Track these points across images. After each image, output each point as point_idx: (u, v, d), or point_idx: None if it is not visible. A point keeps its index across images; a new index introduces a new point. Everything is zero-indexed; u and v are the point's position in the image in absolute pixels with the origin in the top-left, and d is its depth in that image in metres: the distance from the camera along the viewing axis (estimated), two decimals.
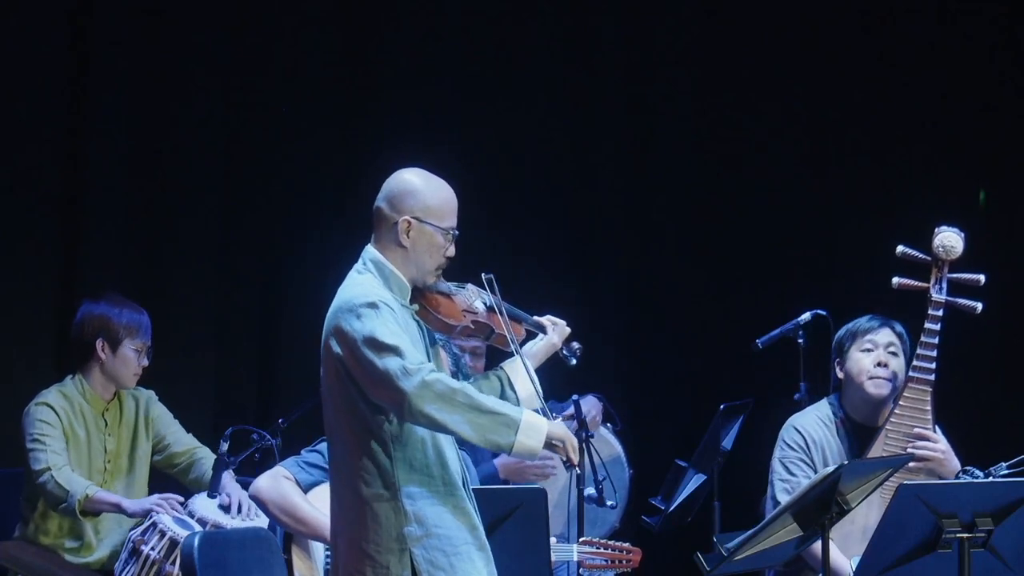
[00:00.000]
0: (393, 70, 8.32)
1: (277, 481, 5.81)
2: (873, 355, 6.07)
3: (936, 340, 5.87)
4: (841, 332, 6.17)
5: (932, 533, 5.28)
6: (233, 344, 8.15)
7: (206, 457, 6.86)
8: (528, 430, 4.70)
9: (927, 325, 5.88)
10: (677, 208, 8.56)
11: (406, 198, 4.88)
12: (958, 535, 5.27)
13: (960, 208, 8.23)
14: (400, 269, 4.89)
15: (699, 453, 6.68)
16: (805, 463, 6.04)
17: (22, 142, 7.79)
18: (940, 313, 5.89)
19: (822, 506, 5.18)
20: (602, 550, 6.37)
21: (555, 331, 5.09)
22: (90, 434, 6.77)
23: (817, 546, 5.55)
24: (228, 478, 6.65)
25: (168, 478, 6.97)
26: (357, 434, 4.79)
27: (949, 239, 5.95)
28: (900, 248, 5.96)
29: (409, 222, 4.86)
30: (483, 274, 4.97)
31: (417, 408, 4.66)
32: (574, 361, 5.12)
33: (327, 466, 5.85)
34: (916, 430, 5.91)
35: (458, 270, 5.01)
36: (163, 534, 6.44)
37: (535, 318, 5.10)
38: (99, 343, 6.76)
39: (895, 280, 5.94)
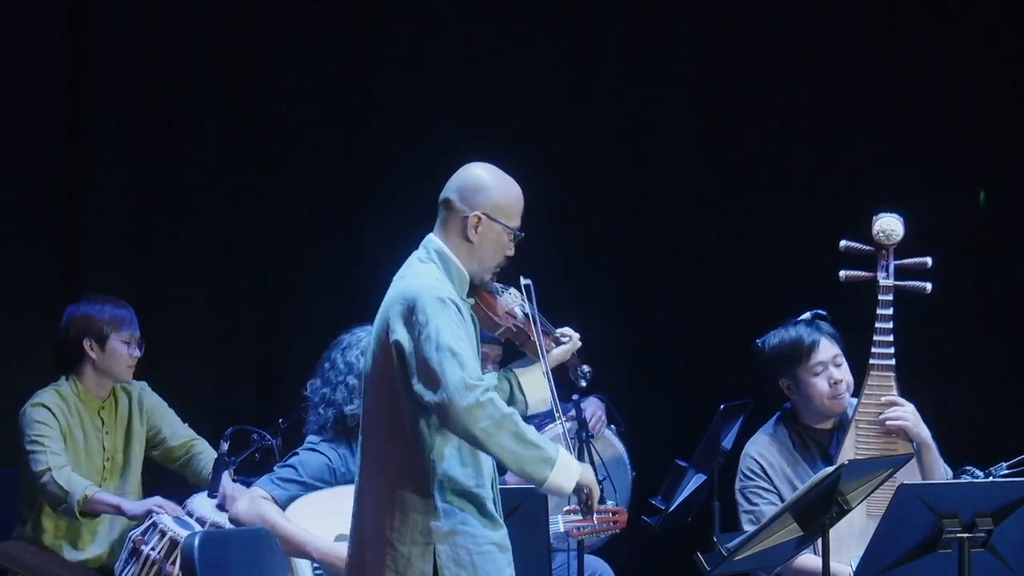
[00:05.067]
0: (393, 72, 8.31)
1: (255, 503, 5.79)
2: (824, 375, 5.96)
3: (890, 324, 5.80)
4: (774, 355, 6.03)
5: (932, 533, 5.28)
6: (233, 344, 8.15)
7: (204, 452, 6.85)
8: (563, 469, 4.71)
9: (879, 311, 5.80)
10: (677, 207, 8.56)
11: (478, 193, 4.89)
12: (958, 535, 5.26)
13: (960, 208, 8.24)
14: (463, 263, 4.89)
15: (699, 453, 6.68)
16: (766, 490, 5.97)
17: (22, 142, 7.78)
18: (890, 297, 5.82)
19: (822, 506, 5.18)
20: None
21: (568, 344, 5.08)
22: (87, 434, 6.76)
23: (803, 561, 5.62)
24: (228, 479, 6.64)
25: (167, 477, 6.97)
26: (398, 424, 4.76)
27: (888, 224, 5.88)
28: (843, 243, 5.91)
29: (479, 218, 4.87)
30: (522, 278, 4.98)
31: (463, 425, 4.64)
32: (584, 383, 5.12)
33: (302, 479, 5.85)
34: (884, 398, 5.84)
35: None
36: (163, 534, 6.44)
37: (556, 330, 5.08)
38: (86, 342, 6.75)
39: (842, 273, 5.89)
